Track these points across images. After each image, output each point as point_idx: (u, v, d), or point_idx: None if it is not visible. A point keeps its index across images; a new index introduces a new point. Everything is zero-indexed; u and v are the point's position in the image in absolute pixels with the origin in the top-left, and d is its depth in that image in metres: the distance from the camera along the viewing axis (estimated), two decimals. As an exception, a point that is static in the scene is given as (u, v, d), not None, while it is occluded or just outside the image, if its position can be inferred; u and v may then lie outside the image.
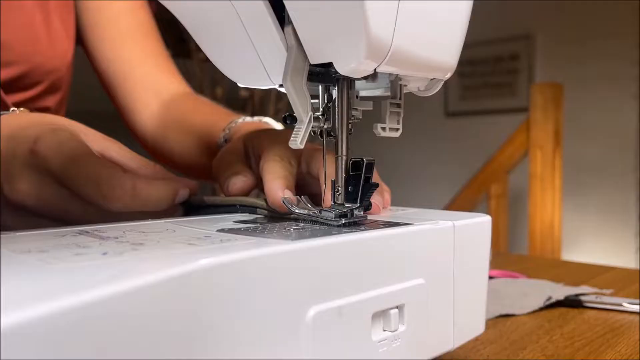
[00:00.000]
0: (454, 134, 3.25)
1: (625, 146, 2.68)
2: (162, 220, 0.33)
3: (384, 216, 0.35)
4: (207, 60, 0.31)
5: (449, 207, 2.35)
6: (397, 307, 0.28)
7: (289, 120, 0.29)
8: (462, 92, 3.21)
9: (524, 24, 2.97)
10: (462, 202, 2.31)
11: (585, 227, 2.78)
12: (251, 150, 0.43)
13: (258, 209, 0.37)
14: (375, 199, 0.35)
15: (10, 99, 0.59)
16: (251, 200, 0.38)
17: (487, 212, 0.35)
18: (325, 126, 0.31)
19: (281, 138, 0.39)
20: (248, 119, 0.57)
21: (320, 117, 0.31)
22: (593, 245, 2.78)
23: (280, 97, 2.85)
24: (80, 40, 0.71)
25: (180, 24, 0.32)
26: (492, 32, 2.99)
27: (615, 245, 2.71)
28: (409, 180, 3.36)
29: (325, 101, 0.32)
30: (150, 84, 0.69)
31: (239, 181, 0.40)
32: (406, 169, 3.37)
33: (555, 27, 2.87)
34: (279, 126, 0.56)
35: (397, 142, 3.26)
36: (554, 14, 2.86)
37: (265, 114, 2.98)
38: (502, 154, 2.21)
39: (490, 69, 3.11)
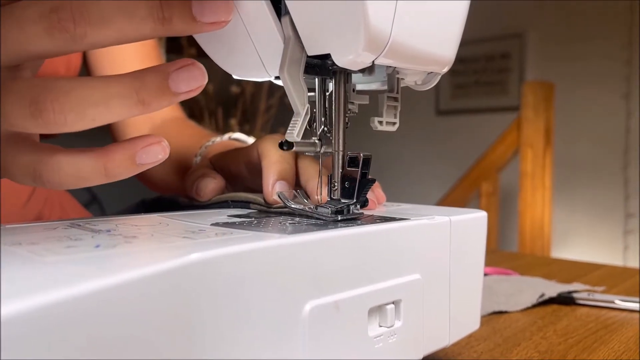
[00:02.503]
0: (445, 132, 3.26)
1: (614, 145, 2.70)
2: (155, 215, 0.33)
3: (379, 211, 0.34)
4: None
5: (440, 205, 2.35)
6: (393, 303, 0.28)
7: (286, 146, 0.29)
8: (454, 90, 3.22)
9: (515, 23, 2.98)
10: (453, 200, 2.32)
11: (574, 226, 2.80)
12: (218, 169, 0.43)
13: (250, 204, 0.37)
14: (369, 195, 0.34)
15: None
16: (244, 195, 0.37)
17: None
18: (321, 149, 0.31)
19: (271, 139, 0.39)
20: (218, 139, 0.57)
21: (317, 141, 0.31)
22: (582, 243, 2.80)
23: (271, 93, 2.84)
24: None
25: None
26: (483, 31, 3.00)
27: (603, 243, 2.74)
28: (400, 178, 3.36)
29: (321, 94, 0.31)
30: None
31: (211, 183, 0.39)
32: (397, 167, 3.37)
33: (547, 26, 2.88)
34: (251, 140, 0.57)
35: (388, 140, 3.27)
36: (546, 13, 2.87)
37: (256, 110, 2.98)
38: (493, 153, 2.22)
39: (482, 67, 3.12)
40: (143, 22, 0.24)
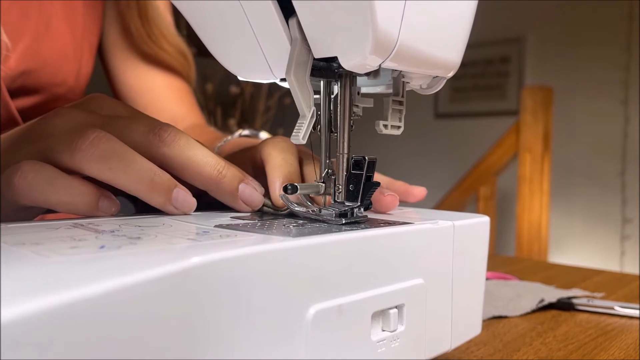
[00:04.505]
0: (444, 135, 3.26)
1: (612, 151, 2.71)
2: (158, 215, 0.33)
3: (382, 215, 0.34)
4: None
5: (438, 208, 2.36)
6: (396, 307, 0.28)
7: (291, 190, 0.30)
8: (452, 93, 3.22)
9: (514, 27, 2.99)
10: (450, 204, 2.32)
11: (572, 231, 2.81)
12: None
13: None
14: (390, 195, 0.35)
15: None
16: None
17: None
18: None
19: (274, 142, 0.39)
20: (230, 138, 0.56)
21: (320, 184, 0.31)
22: (579, 248, 2.80)
23: (270, 93, 2.84)
24: (100, 53, 0.69)
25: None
26: (483, 35, 3.01)
27: (601, 248, 2.74)
28: (397, 180, 3.36)
29: (326, 97, 0.31)
30: (168, 117, 0.68)
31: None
32: (395, 170, 3.37)
33: (546, 30, 2.89)
34: (262, 134, 0.57)
35: (387, 143, 3.27)
36: (545, 17, 2.88)
37: (255, 111, 2.97)
38: (491, 156, 2.23)
39: (481, 71, 3.12)
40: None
